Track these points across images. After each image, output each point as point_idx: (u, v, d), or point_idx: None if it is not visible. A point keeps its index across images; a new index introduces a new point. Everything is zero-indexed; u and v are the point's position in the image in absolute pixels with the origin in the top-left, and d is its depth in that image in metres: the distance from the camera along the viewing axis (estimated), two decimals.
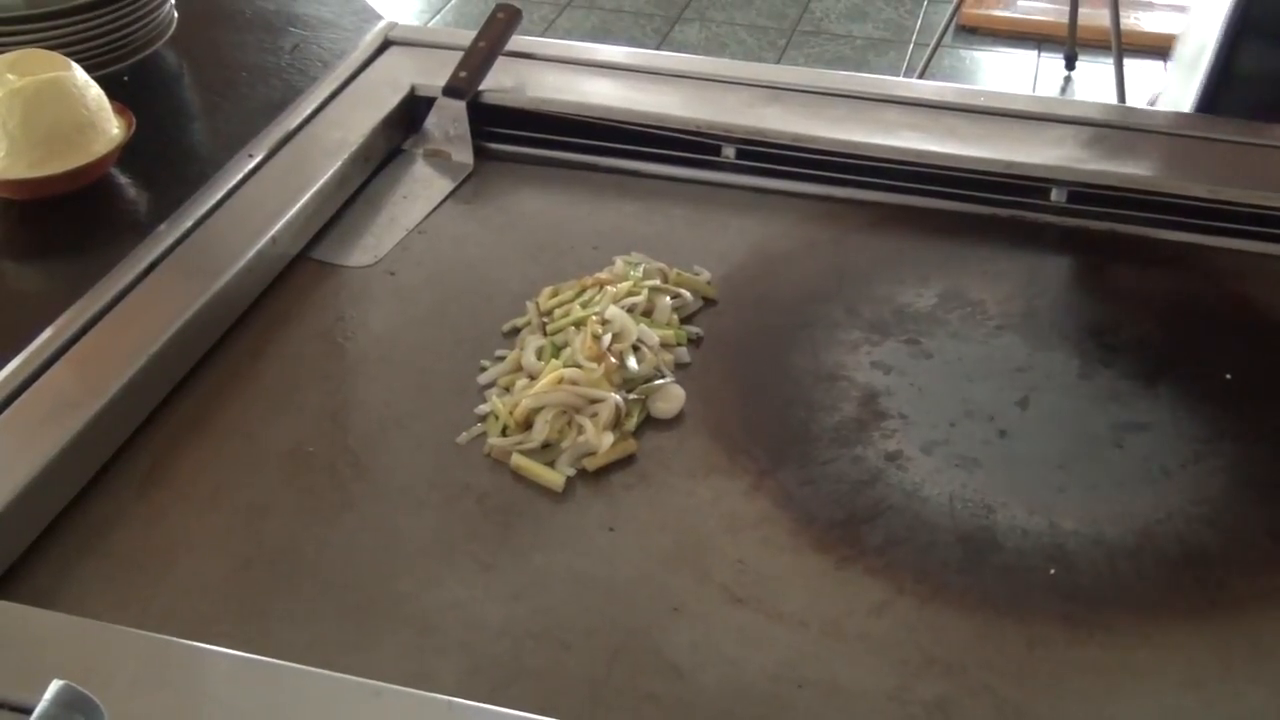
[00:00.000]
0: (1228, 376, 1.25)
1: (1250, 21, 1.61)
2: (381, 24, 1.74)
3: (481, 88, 1.57)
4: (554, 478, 1.12)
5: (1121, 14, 3.71)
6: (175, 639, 0.94)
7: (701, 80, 1.62)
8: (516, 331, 1.30)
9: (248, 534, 1.10)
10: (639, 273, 1.33)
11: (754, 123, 1.52)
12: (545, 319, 1.29)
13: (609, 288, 1.30)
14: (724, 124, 1.52)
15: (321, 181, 1.43)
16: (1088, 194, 1.48)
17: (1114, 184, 1.46)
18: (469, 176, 1.52)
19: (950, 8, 3.95)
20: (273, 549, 1.09)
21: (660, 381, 1.21)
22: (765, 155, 1.51)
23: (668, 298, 1.29)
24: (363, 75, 1.64)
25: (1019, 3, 4.75)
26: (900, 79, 3.42)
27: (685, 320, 1.30)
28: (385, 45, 1.70)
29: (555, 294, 1.32)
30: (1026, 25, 4.66)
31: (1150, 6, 4.57)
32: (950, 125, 1.53)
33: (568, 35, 4.35)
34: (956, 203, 1.49)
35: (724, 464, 1.17)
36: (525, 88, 1.59)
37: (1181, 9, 3.75)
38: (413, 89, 1.60)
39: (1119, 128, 1.54)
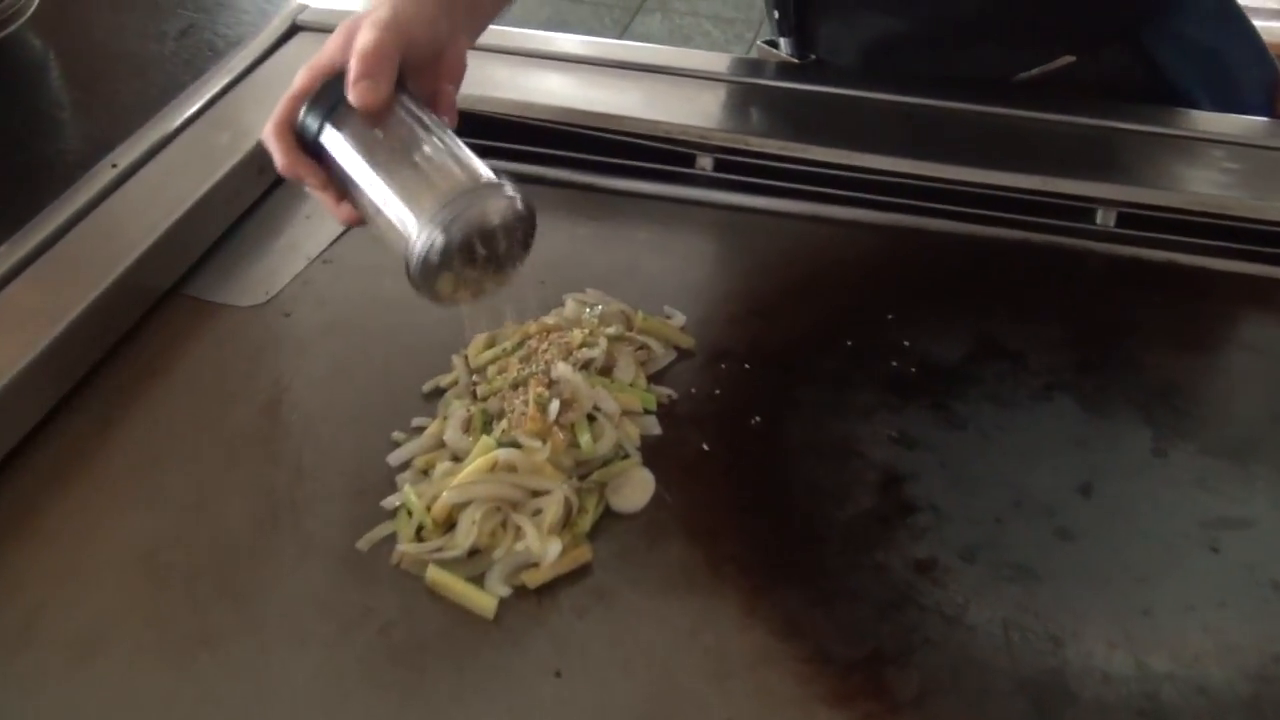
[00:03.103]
0: None
1: None
2: (290, 6, 1.45)
3: None
4: (483, 600, 0.89)
5: None
6: None
7: (672, 75, 1.35)
8: (440, 393, 1.04)
9: (67, 684, 0.84)
10: (595, 317, 1.07)
11: (735, 128, 1.26)
12: (476, 378, 1.02)
13: (557, 337, 1.02)
14: (699, 129, 1.29)
15: (199, 196, 1.17)
16: (1141, 216, 1.23)
17: (1173, 205, 1.22)
18: None
19: None
20: (99, 707, 0.83)
21: (623, 464, 0.98)
22: (749, 168, 1.29)
23: (632, 350, 1.06)
24: (263, 66, 1.37)
25: None
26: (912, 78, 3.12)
27: (654, 379, 1.07)
28: (293, 31, 1.42)
29: (490, 344, 1.05)
30: None
31: None
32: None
33: (518, 26, 4.06)
34: (981, 226, 1.25)
35: (707, 578, 0.91)
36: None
37: None
38: None
39: (1177, 135, 1.27)
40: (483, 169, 0.88)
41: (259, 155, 1.23)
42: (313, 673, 0.84)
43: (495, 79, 1.35)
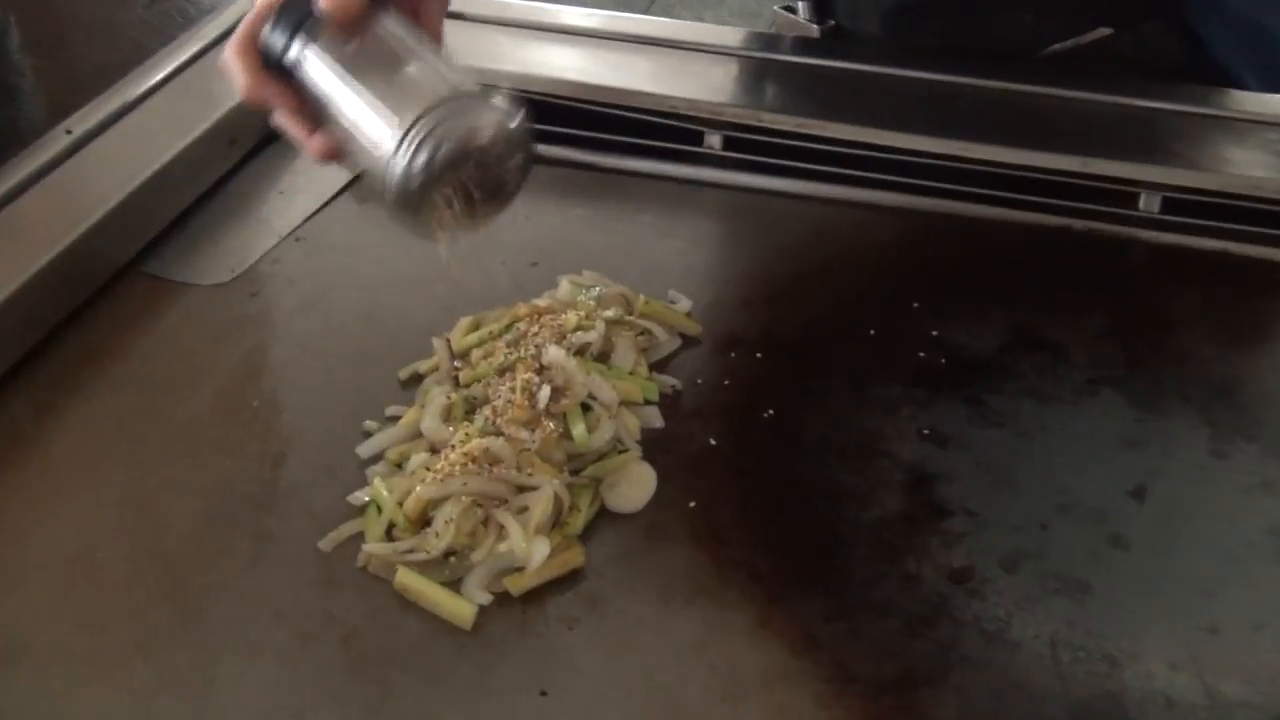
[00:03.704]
0: None
1: None
2: None
3: None
4: (459, 608, 0.79)
5: None
6: None
7: (679, 49, 1.25)
8: (419, 380, 0.93)
9: None
10: (592, 299, 0.97)
11: (748, 103, 1.15)
12: (459, 364, 0.92)
13: (549, 320, 0.92)
14: (709, 104, 1.19)
15: (160, 166, 1.08)
16: (1188, 202, 1.14)
17: (1222, 189, 1.13)
18: None
19: None
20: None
21: (621, 458, 0.88)
22: (762, 146, 1.19)
23: (633, 335, 0.96)
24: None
25: None
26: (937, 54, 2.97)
27: (657, 367, 0.97)
28: None
29: (475, 327, 0.95)
30: None
31: None
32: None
33: None
34: (1016, 211, 1.15)
35: (714, 586, 0.81)
36: (449, 55, 1.21)
37: None
38: None
39: (1226, 116, 1.17)
40: (471, 82, 0.77)
41: (230, 125, 1.14)
42: (264, 687, 0.75)
43: (492, 52, 1.26)
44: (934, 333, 1.01)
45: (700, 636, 0.78)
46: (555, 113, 1.21)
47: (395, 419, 0.91)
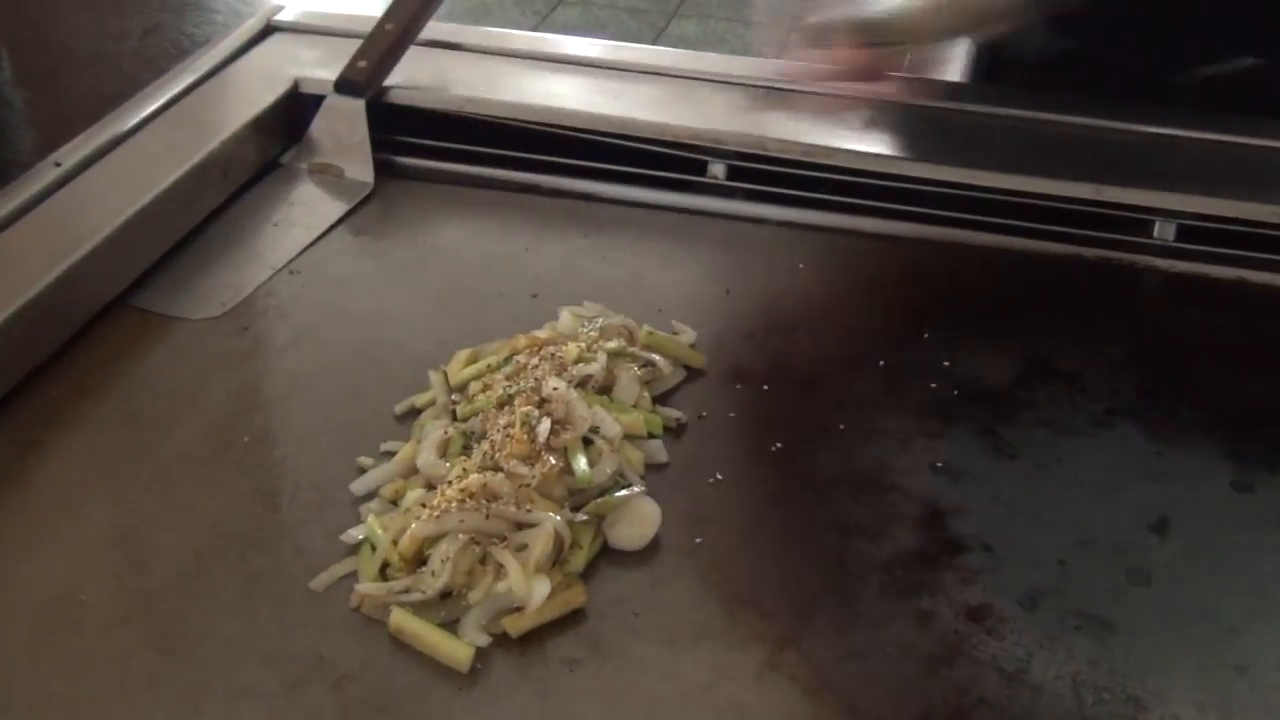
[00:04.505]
0: None
1: None
2: (266, 6, 1.33)
3: (388, 83, 1.20)
4: (457, 650, 0.75)
5: None
6: None
7: (681, 78, 1.22)
8: (415, 415, 0.90)
9: None
10: (594, 331, 0.93)
11: (751, 131, 1.11)
12: (456, 398, 0.89)
13: (550, 352, 0.89)
14: (711, 133, 1.16)
15: (151, 198, 1.05)
16: (1204, 230, 1.11)
17: (1239, 216, 1.10)
18: (367, 199, 1.16)
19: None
20: None
21: (624, 494, 0.84)
22: (767, 175, 1.16)
23: (635, 367, 0.93)
24: (233, 66, 1.25)
25: None
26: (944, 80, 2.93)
27: (660, 400, 0.94)
28: (268, 31, 1.30)
29: (473, 359, 0.92)
30: None
31: None
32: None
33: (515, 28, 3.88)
34: (1027, 240, 1.13)
35: (721, 626, 0.78)
36: (446, 84, 1.20)
37: None
38: (295, 83, 1.20)
39: (1239, 142, 1.14)
40: None
41: (223, 157, 1.12)
42: None
43: (487, 81, 1.23)
44: (945, 363, 0.98)
45: (707, 679, 0.74)
46: (555, 143, 1.18)
47: (390, 454, 0.87)
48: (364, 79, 1.18)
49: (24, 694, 0.73)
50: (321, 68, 1.22)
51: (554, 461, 0.82)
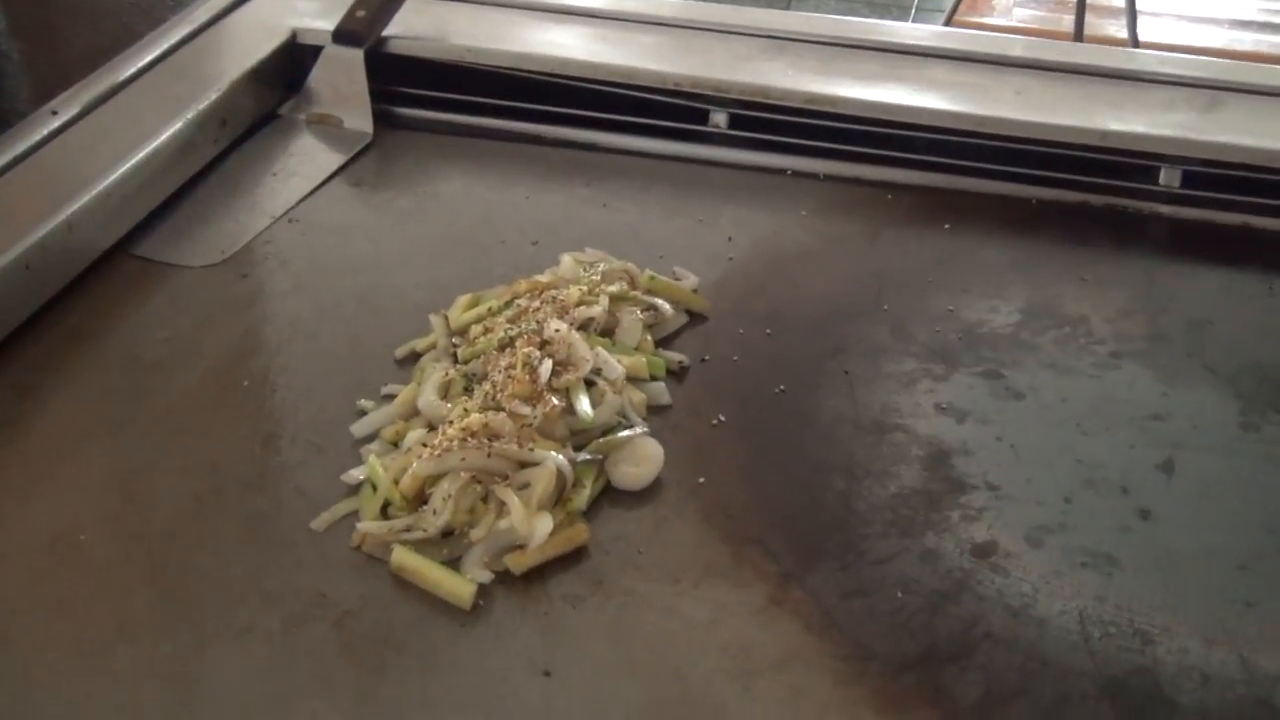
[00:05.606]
0: None
1: None
2: None
3: (387, 33, 1.19)
4: (458, 587, 0.75)
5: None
6: None
7: (683, 28, 1.21)
8: (415, 359, 0.89)
9: None
10: (596, 275, 0.92)
11: (754, 79, 1.12)
12: (457, 341, 0.88)
13: (551, 295, 0.88)
14: (714, 81, 1.16)
15: (149, 149, 1.04)
16: (1209, 175, 1.10)
17: (1244, 161, 1.09)
18: (365, 149, 1.16)
19: (944, 15, 3.56)
20: None
21: (626, 434, 0.84)
22: (769, 124, 1.16)
23: (637, 311, 0.92)
24: (230, 17, 1.24)
25: (1014, 11, 4.37)
26: (947, 29, 2.90)
27: (663, 343, 0.92)
28: None
29: (474, 304, 0.91)
30: (1022, 34, 4.27)
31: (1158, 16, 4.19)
32: (1019, 85, 1.13)
33: None
34: (1033, 186, 1.13)
35: (725, 563, 0.77)
36: (446, 33, 1.19)
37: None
38: (293, 34, 1.19)
39: (1247, 90, 1.13)
40: None
41: (221, 107, 1.11)
42: (251, 671, 0.70)
43: (488, 30, 1.22)
44: (949, 308, 0.97)
45: (710, 615, 0.73)
46: (556, 92, 1.18)
47: (391, 397, 0.87)
48: (363, 28, 1.17)
49: (25, 634, 0.72)
50: (320, 18, 1.21)
51: (556, 402, 0.82)
